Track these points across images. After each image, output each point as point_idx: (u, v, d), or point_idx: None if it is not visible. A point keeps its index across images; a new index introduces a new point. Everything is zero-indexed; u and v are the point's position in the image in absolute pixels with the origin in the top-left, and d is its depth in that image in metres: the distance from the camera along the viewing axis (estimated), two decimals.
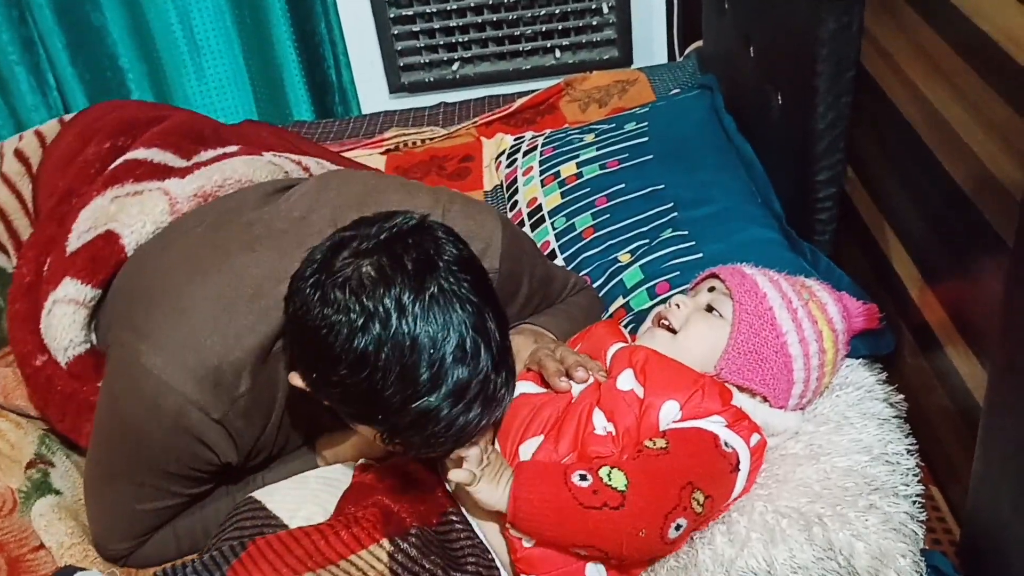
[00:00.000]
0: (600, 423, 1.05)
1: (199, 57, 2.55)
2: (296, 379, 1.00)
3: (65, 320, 1.18)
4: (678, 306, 1.15)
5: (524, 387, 1.12)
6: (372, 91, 2.63)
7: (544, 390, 1.11)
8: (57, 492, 1.21)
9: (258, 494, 1.12)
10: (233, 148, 1.39)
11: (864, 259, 1.35)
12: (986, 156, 0.96)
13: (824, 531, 0.99)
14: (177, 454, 1.04)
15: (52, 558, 1.11)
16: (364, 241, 0.94)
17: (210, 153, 1.37)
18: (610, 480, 0.96)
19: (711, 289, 1.17)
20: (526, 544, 0.99)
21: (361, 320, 0.89)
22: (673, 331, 1.13)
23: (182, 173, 1.29)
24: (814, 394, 1.15)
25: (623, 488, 0.95)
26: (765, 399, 1.10)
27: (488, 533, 1.05)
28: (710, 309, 1.14)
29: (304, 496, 1.12)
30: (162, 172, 1.30)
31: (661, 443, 1.00)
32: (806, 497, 1.03)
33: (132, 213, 1.22)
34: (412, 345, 0.89)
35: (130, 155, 1.34)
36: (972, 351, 1.05)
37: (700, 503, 0.98)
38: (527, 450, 1.06)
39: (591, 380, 1.09)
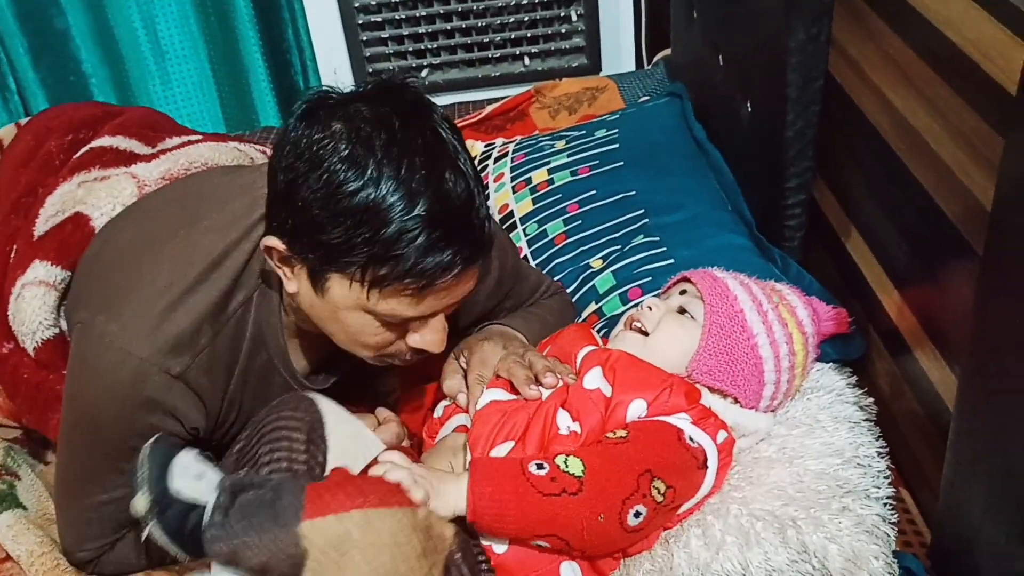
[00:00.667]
0: (564, 423, 1.05)
1: (164, 62, 2.52)
2: (272, 240, 0.98)
3: (35, 303, 1.17)
4: (650, 308, 1.16)
5: (494, 394, 1.12)
6: None
7: (514, 397, 1.11)
8: (23, 507, 1.18)
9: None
10: (197, 136, 1.39)
11: (833, 265, 1.37)
12: (955, 164, 0.98)
13: (798, 534, 1.00)
14: (140, 428, 1.01)
15: (21, 568, 1.09)
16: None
17: (175, 140, 1.38)
18: (567, 467, 0.96)
19: (683, 292, 1.18)
20: (497, 550, 0.99)
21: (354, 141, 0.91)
22: (645, 333, 1.14)
23: (148, 159, 1.30)
24: (785, 396, 1.16)
25: (580, 474, 0.95)
26: (736, 400, 1.11)
27: None
28: (682, 311, 1.15)
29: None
30: (128, 158, 1.31)
31: (621, 433, 1.02)
32: (780, 500, 1.04)
33: (101, 196, 1.22)
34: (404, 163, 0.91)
35: (95, 143, 1.35)
36: (941, 355, 1.07)
37: (661, 492, 0.98)
38: (498, 456, 1.05)
39: (560, 384, 1.10)
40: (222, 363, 1.07)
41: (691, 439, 1.03)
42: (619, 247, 1.50)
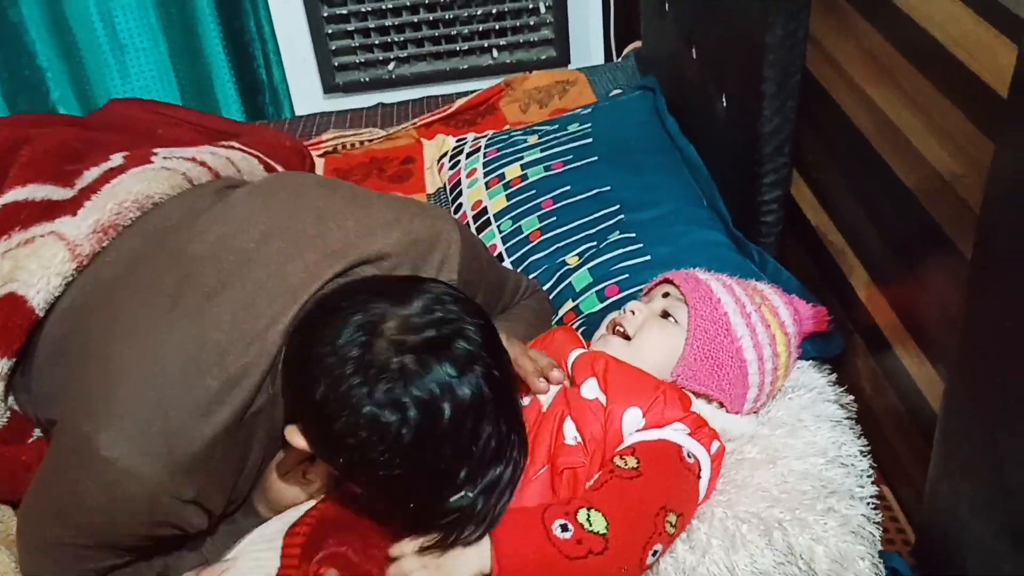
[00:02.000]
0: (571, 433, 1.03)
1: (123, 56, 2.46)
2: (296, 438, 0.93)
3: None
4: (633, 312, 1.14)
5: None
6: (305, 91, 2.57)
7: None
8: None
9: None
10: (117, 159, 1.22)
11: (811, 261, 1.37)
12: (937, 162, 0.98)
13: (784, 535, 0.99)
14: (143, 533, 0.96)
15: None
16: (396, 332, 0.88)
17: (93, 172, 1.20)
18: (591, 525, 0.93)
19: (665, 295, 1.17)
20: None
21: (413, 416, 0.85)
22: (628, 337, 1.13)
23: (71, 208, 1.14)
24: (768, 397, 1.16)
25: (604, 531, 0.92)
26: (721, 404, 1.10)
27: None
28: (665, 315, 1.14)
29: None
30: (48, 210, 1.15)
31: (632, 462, 0.99)
32: (765, 502, 1.03)
33: (31, 269, 1.08)
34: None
35: (7, 198, 1.17)
36: (922, 353, 1.07)
37: (673, 524, 0.97)
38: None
39: (565, 383, 1.08)
40: (231, 471, 1.01)
41: (689, 455, 1.02)
42: (595, 244, 1.49)
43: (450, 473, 0.88)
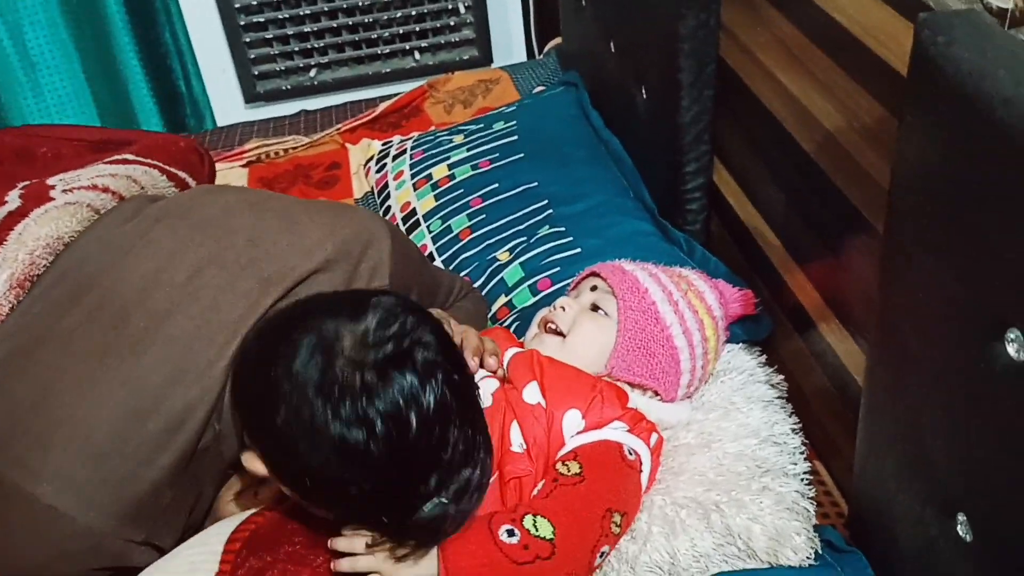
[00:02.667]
0: (517, 440, 1.03)
1: (35, 73, 2.38)
2: (255, 464, 0.91)
3: None
4: (563, 308, 1.15)
5: None
6: (226, 101, 2.53)
7: None
8: None
9: None
10: (14, 199, 1.12)
11: (736, 246, 1.40)
12: (851, 147, 1.00)
13: (722, 517, 1.01)
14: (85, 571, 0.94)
15: None
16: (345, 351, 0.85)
17: None
18: (537, 531, 0.93)
19: (593, 288, 1.18)
20: None
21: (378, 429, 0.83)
22: (561, 334, 1.13)
23: None
24: (700, 382, 1.18)
25: (551, 537, 0.93)
26: (656, 394, 1.12)
27: None
28: (595, 308, 1.15)
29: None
30: None
31: (575, 467, 0.99)
32: (701, 486, 1.05)
33: None
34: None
35: None
36: (845, 329, 1.10)
37: (618, 524, 0.98)
38: None
39: (500, 373, 1.08)
40: (183, 509, 0.99)
41: (630, 451, 1.03)
42: (525, 239, 1.50)
43: (422, 482, 0.87)
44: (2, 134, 1.42)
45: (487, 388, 1.07)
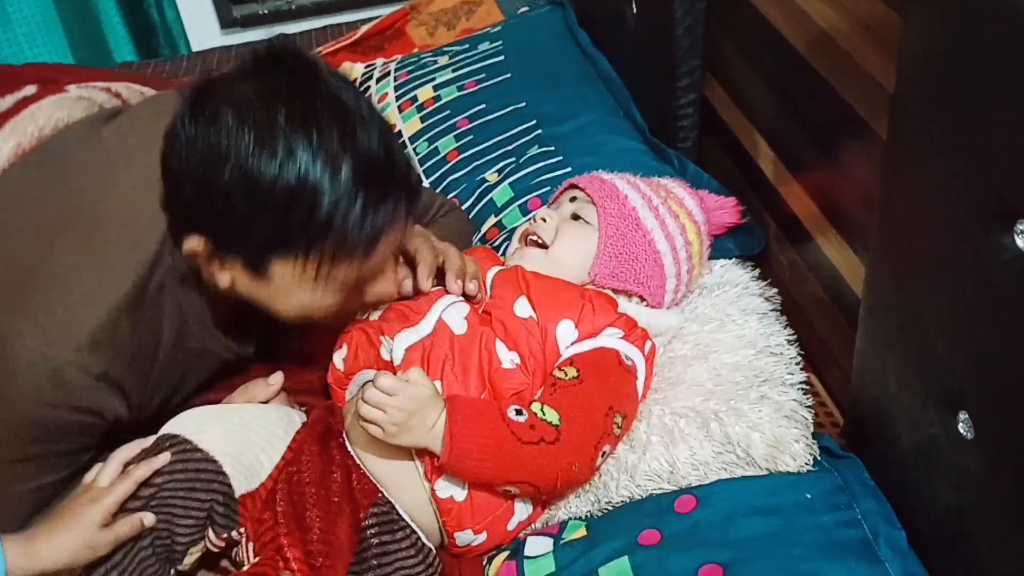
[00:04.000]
0: (506, 357, 1.02)
1: (3, 3, 2.31)
2: (193, 243, 0.92)
3: None
4: (544, 220, 1.13)
5: (407, 338, 1.05)
6: (201, 27, 2.46)
7: (425, 335, 1.05)
8: None
9: (179, 429, 0.98)
10: (30, 89, 1.20)
11: (729, 161, 1.38)
12: (853, 49, 0.98)
13: (721, 426, 1.01)
14: (60, 428, 0.95)
15: None
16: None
17: (8, 100, 1.18)
18: (544, 415, 0.94)
19: (573, 199, 1.17)
20: (458, 499, 0.96)
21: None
22: (543, 246, 1.12)
23: None
24: (687, 288, 1.17)
25: (557, 423, 0.93)
26: (643, 299, 1.12)
27: (412, 513, 0.99)
28: (576, 217, 1.14)
29: (243, 442, 0.99)
30: None
31: (572, 372, 0.99)
32: (700, 396, 1.05)
33: None
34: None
35: None
36: (843, 239, 1.09)
37: (619, 425, 0.99)
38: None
39: (480, 297, 1.07)
40: (145, 354, 1.00)
41: (627, 358, 1.02)
42: (514, 159, 1.47)
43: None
44: (26, 67, 1.41)
45: (459, 313, 1.06)
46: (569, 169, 1.40)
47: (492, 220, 1.41)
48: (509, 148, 1.50)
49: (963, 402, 0.79)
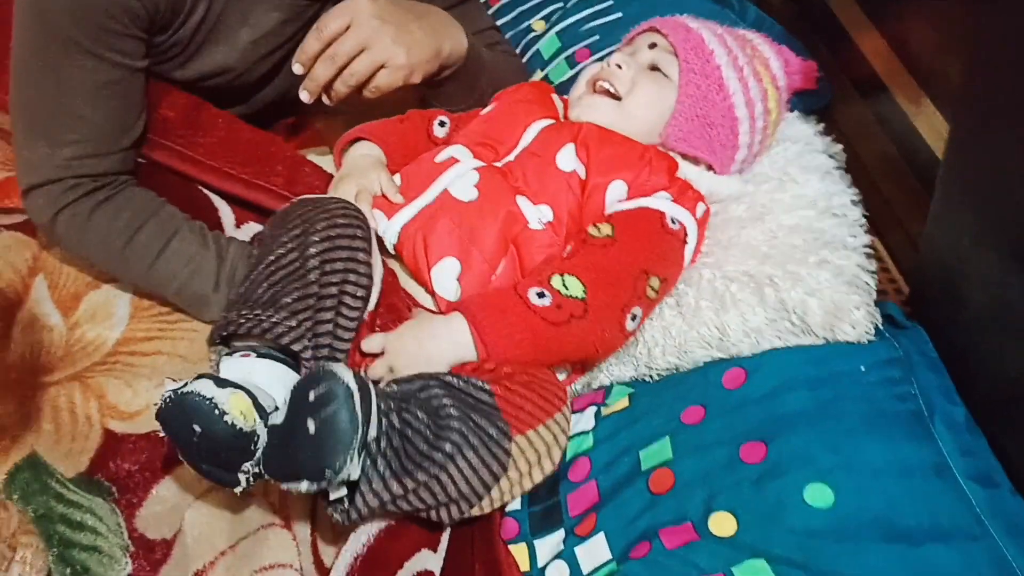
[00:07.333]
0: (532, 215, 0.95)
1: None
2: None
3: None
4: (619, 66, 1.02)
5: (406, 215, 0.97)
6: None
7: (417, 209, 0.97)
8: None
9: None
10: None
11: (795, 4, 1.26)
12: None
13: (776, 291, 0.95)
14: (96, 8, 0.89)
15: None
16: None
17: None
18: (567, 290, 0.88)
19: (652, 46, 1.06)
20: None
21: None
22: (617, 97, 1.03)
23: None
24: (755, 157, 1.08)
25: (582, 296, 0.87)
26: (710, 167, 1.03)
27: None
28: (654, 69, 1.03)
29: None
30: None
31: (607, 229, 0.92)
32: (754, 259, 0.98)
33: None
34: None
35: None
36: (921, 90, 0.99)
37: (655, 288, 0.93)
38: (444, 282, 0.94)
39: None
40: None
41: (673, 220, 0.95)
42: (561, 4, 1.37)
43: None
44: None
45: (468, 181, 0.97)
46: (620, 15, 1.30)
47: (538, 75, 1.33)
48: None
49: None
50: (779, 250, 0.98)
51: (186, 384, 0.76)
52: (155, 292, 0.99)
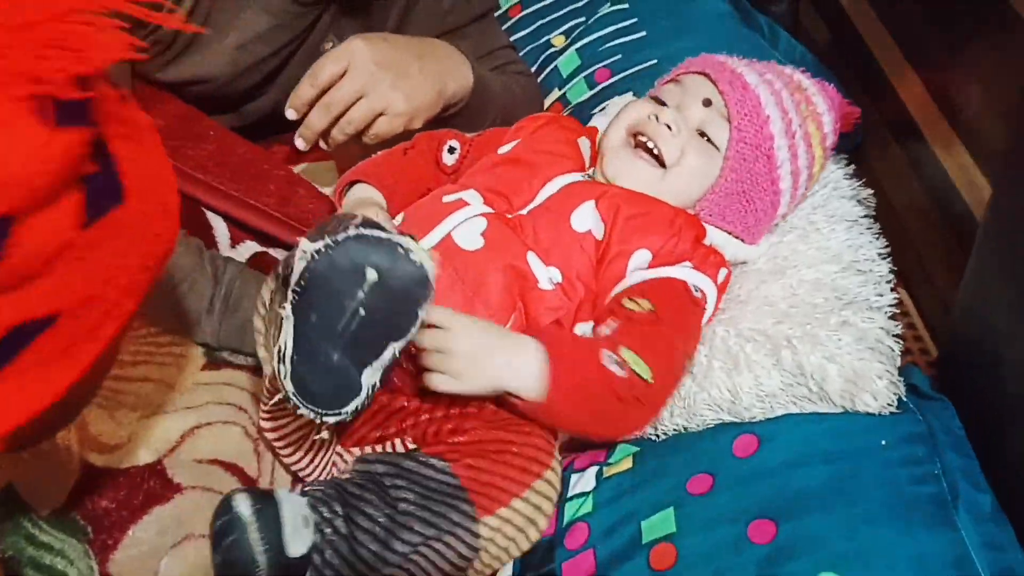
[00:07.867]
0: (542, 274, 0.89)
1: None
2: None
3: None
4: (669, 128, 0.93)
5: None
6: None
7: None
8: None
9: None
10: None
11: (829, 33, 1.19)
12: None
13: (793, 354, 0.88)
14: None
15: None
16: None
17: None
18: (636, 367, 0.81)
19: (707, 103, 0.95)
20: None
21: None
22: (662, 164, 0.94)
23: None
24: (784, 219, 1.02)
25: (649, 379, 0.81)
26: (740, 238, 0.97)
27: None
28: (702, 134, 0.95)
29: None
30: None
31: (646, 304, 0.86)
32: (772, 318, 0.92)
33: None
34: None
35: None
36: (957, 135, 0.93)
37: (688, 369, 0.88)
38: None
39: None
40: None
41: (696, 288, 0.89)
42: (583, 19, 1.32)
43: None
44: None
45: (475, 228, 0.90)
46: (644, 34, 1.25)
47: (556, 93, 1.28)
48: (578, 5, 1.34)
49: None
50: (799, 308, 0.92)
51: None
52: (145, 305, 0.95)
